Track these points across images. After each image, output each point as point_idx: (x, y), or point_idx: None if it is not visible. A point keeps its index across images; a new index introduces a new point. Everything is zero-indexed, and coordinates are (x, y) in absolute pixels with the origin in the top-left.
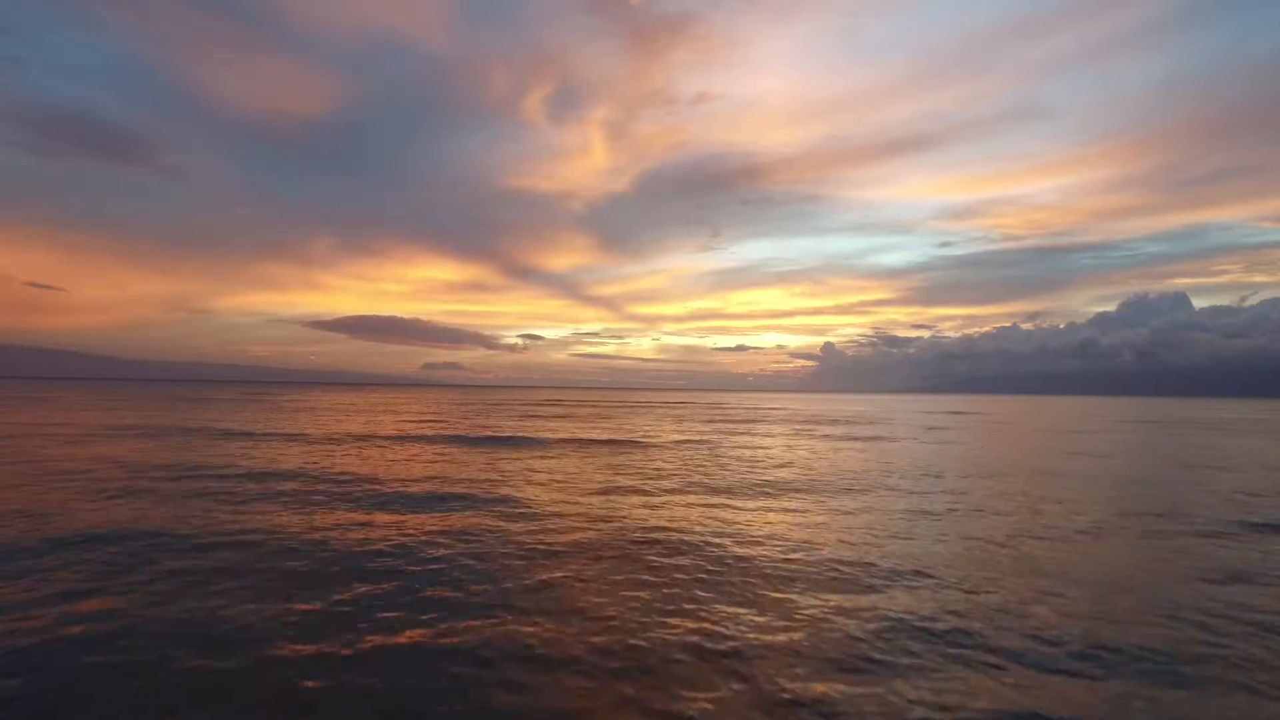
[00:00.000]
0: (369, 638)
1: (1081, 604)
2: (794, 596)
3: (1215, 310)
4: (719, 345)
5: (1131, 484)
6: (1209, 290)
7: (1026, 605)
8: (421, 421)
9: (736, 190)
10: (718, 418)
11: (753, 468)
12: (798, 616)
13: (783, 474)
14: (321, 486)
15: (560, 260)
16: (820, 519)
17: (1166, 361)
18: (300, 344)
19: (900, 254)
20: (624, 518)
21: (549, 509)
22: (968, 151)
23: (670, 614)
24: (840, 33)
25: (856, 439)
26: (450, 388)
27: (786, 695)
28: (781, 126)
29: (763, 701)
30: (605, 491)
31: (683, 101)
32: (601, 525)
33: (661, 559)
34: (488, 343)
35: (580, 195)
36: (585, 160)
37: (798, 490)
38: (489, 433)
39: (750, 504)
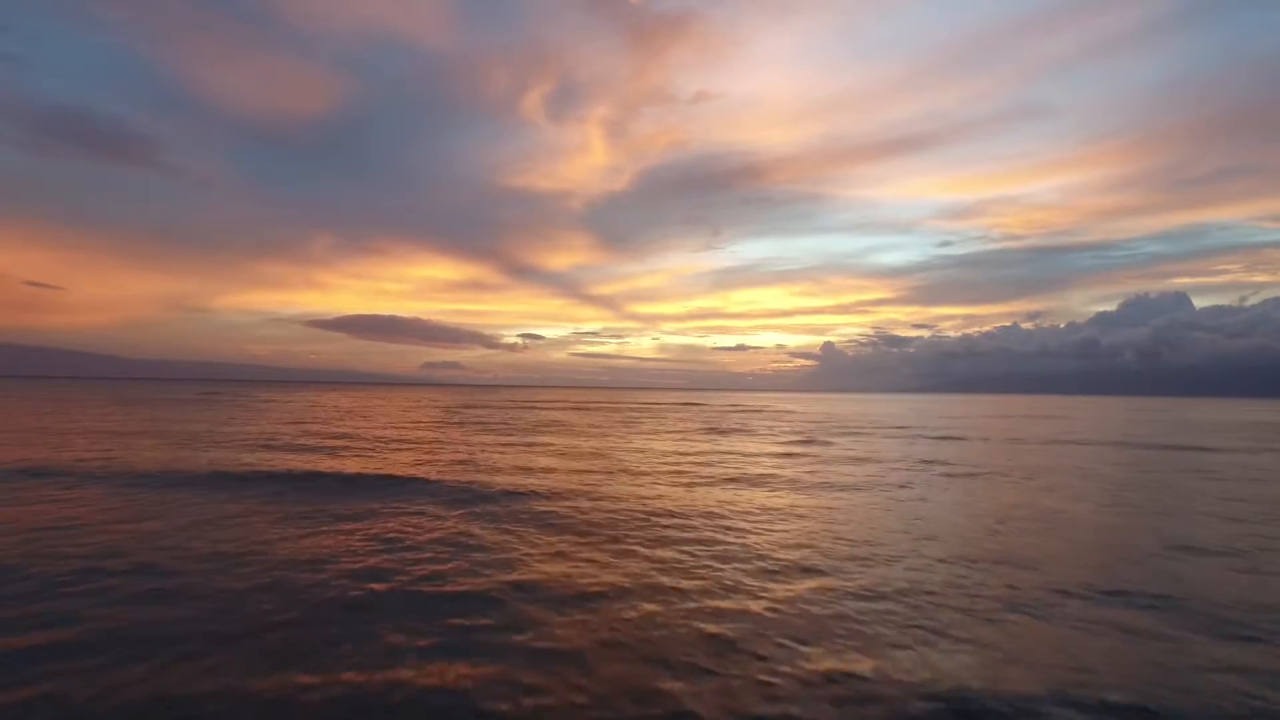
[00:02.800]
0: None
1: None
2: None
3: (1216, 310)
4: (719, 344)
5: None
6: (1209, 290)
7: None
8: (332, 439)
9: (736, 189)
10: (750, 426)
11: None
12: None
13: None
14: None
15: (560, 259)
16: None
17: (1168, 361)
18: (300, 343)
19: (900, 253)
20: None
21: None
22: (967, 151)
23: None
24: (840, 31)
25: (987, 473)
26: (448, 387)
27: None
28: (781, 125)
29: None
30: None
31: (682, 100)
32: None
33: None
34: (487, 342)
35: (580, 194)
36: (585, 159)
37: None
38: (387, 465)
39: None
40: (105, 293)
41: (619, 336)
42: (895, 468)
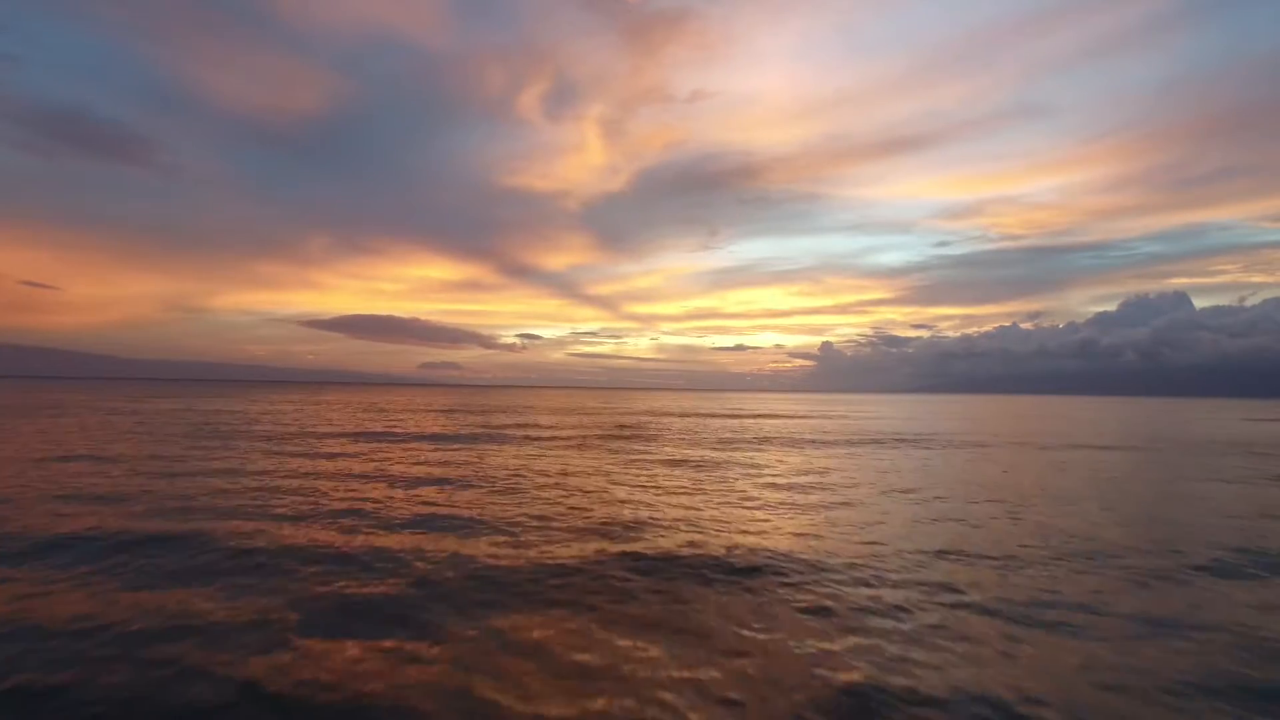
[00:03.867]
0: None
1: None
2: None
3: (1216, 310)
4: (717, 345)
5: None
6: (1207, 290)
7: None
8: (236, 455)
9: (734, 189)
10: (773, 438)
11: None
12: None
13: None
14: None
15: (557, 259)
16: None
17: (1169, 361)
18: (297, 343)
19: (898, 253)
20: None
21: None
22: (966, 150)
23: None
24: (839, 29)
25: None
26: (445, 387)
27: None
28: (779, 124)
29: None
30: None
31: (679, 99)
32: None
33: None
34: (485, 342)
35: (577, 194)
36: (581, 158)
37: None
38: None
39: None
40: (102, 292)
41: (617, 337)
42: (1020, 503)
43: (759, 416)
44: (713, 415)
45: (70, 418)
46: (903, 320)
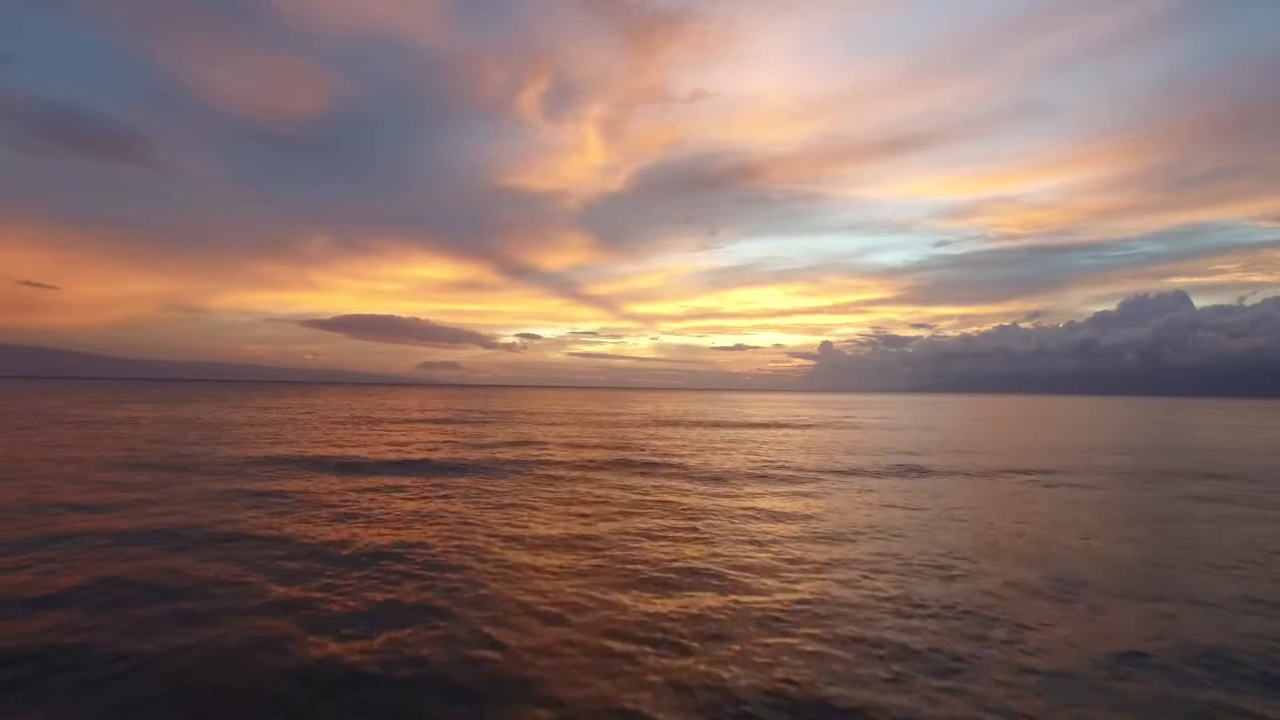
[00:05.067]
0: None
1: None
2: None
3: (1217, 310)
4: (717, 344)
5: None
6: (1207, 290)
7: None
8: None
9: (733, 189)
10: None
11: None
12: None
13: None
14: None
15: (557, 259)
16: None
17: (1170, 361)
18: (297, 343)
19: (897, 253)
20: None
21: None
22: (965, 150)
23: None
24: (838, 29)
25: None
26: (442, 387)
27: None
28: (778, 124)
29: None
30: None
31: (679, 99)
32: None
33: None
34: (485, 342)
35: (576, 194)
36: (581, 158)
37: None
38: None
39: None
40: (100, 292)
41: (616, 336)
42: None
43: (772, 426)
44: (720, 424)
45: (26, 432)
46: (902, 320)
